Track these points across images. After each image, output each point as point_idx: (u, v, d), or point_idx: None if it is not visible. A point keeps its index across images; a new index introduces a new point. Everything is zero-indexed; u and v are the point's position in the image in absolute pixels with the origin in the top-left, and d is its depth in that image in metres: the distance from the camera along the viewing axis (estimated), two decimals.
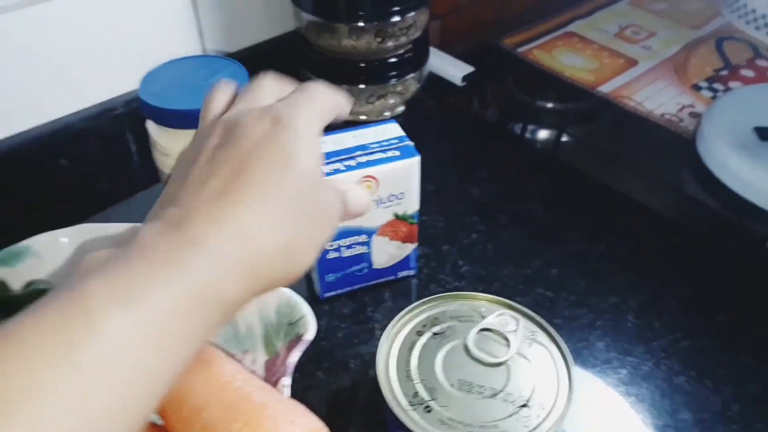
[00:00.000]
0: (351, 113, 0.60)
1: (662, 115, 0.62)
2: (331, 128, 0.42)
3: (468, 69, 0.67)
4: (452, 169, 0.57)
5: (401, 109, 0.64)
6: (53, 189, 0.52)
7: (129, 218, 0.43)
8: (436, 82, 0.68)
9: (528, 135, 0.64)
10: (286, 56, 0.62)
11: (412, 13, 0.56)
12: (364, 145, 0.41)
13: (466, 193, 0.54)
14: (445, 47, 0.74)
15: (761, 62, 0.71)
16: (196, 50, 0.59)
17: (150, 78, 0.43)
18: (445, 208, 0.52)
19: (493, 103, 0.69)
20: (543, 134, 0.64)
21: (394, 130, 0.42)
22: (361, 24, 0.54)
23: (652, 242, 0.50)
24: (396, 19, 0.55)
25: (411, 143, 0.41)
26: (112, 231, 0.42)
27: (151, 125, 0.43)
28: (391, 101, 0.61)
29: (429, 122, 0.65)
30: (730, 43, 0.74)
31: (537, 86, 0.69)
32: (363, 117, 0.62)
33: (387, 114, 0.63)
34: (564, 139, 0.63)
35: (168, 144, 0.42)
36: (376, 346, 0.42)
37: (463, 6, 0.82)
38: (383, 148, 0.41)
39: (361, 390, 0.40)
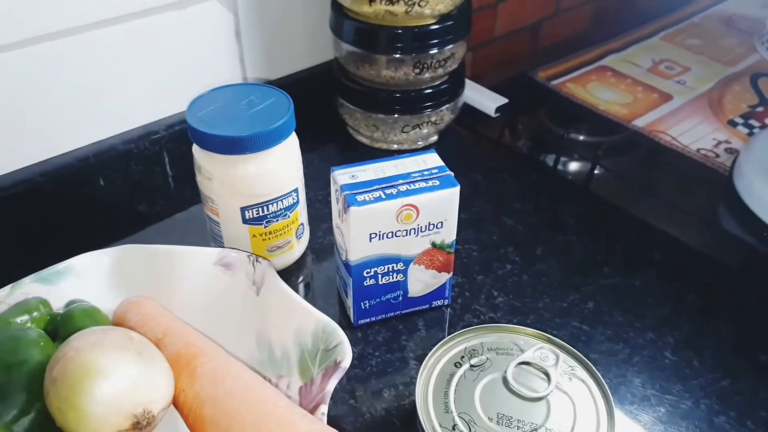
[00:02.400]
0: (385, 141, 0.62)
1: (698, 150, 0.62)
2: (370, 158, 0.43)
3: (501, 100, 0.68)
4: (486, 199, 0.57)
5: (435, 138, 0.64)
6: (95, 208, 0.54)
7: (167, 239, 0.44)
8: (469, 112, 0.68)
9: (561, 167, 0.64)
10: (325, 84, 0.63)
11: (450, 46, 0.56)
12: (405, 174, 0.41)
13: (500, 223, 0.54)
14: (478, 78, 0.75)
15: None
16: (237, 77, 0.60)
17: (197, 103, 0.44)
18: (479, 238, 0.52)
19: (525, 134, 0.70)
20: (576, 166, 0.64)
21: (433, 160, 0.43)
22: (399, 55, 0.55)
23: (689, 278, 0.50)
24: (434, 51, 0.56)
25: (451, 173, 0.42)
26: (151, 252, 0.42)
27: (196, 149, 0.44)
28: (425, 131, 0.62)
29: (462, 152, 0.65)
30: (765, 80, 0.74)
31: (570, 119, 0.69)
32: (395, 146, 0.62)
33: (420, 143, 0.63)
34: (597, 171, 0.63)
35: (212, 168, 0.43)
36: (410, 375, 0.42)
37: (497, 38, 0.83)
38: (424, 178, 0.41)
39: (395, 420, 0.39)
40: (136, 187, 0.56)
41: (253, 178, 0.43)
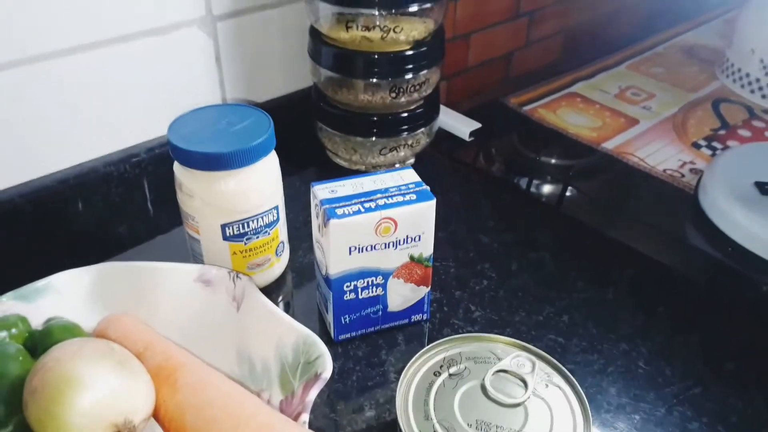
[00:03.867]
0: (364, 164, 0.63)
1: (664, 170, 0.64)
2: (349, 174, 0.44)
3: (475, 125, 0.70)
4: (462, 218, 0.59)
5: (411, 161, 0.66)
6: (74, 230, 0.54)
7: (146, 260, 0.44)
8: (445, 136, 0.70)
9: (534, 189, 0.66)
10: (304, 109, 0.65)
11: (425, 71, 0.58)
12: (383, 189, 0.42)
13: (476, 241, 0.56)
14: (453, 106, 0.77)
15: (757, 123, 0.74)
16: (217, 101, 0.61)
17: (178, 122, 0.45)
18: (456, 255, 0.54)
19: (499, 157, 0.71)
20: (548, 188, 0.66)
21: (410, 175, 0.44)
22: (376, 80, 0.57)
23: (659, 292, 0.51)
24: (409, 76, 0.57)
25: (427, 188, 0.43)
26: (131, 269, 0.43)
27: (177, 167, 0.45)
28: (402, 153, 0.63)
29: (438, 174, 0.67)
30: (726, 105, 0.77)
31: (541, 142, 0.71)
32: (373, 169, 0.64)
33: (398, 166, 0.65)
34: (569, 193, 0.65)
35: (193, 185, 0.44)
36: (390, 389, 0.42)
37: (471, 68, 0.86)
38: (401, 192, 0.42)
39: None
40: (116, 210, 0.56)
41: (234, 194, 0.44)
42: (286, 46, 0.64)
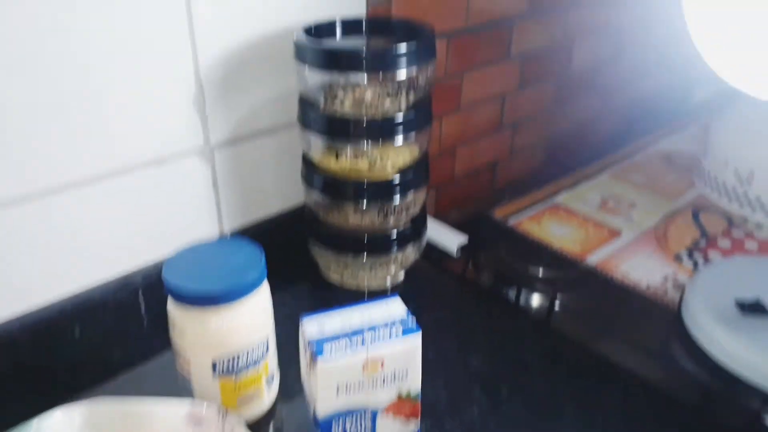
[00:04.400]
0: (355, 280, 0.64)
1: (647, 286, 0.66)
2: (340, 296, 0.45)
3: (462, 239, 0.72)
4: (452, 335, 0.59)
5: (401, 276, 0.67)
6: (70, 356, 0.54)
7: (140, 386, 0.45)
8: (433, 249, 0.72)
9: (522, 301, 0.67)
10: (297, 225, 0.67)
11: (411, 194, 0.61)
12: (370, 325, 0.43)
13: (466, 362, 0.56)
14: (441, 215, 0.80)
15: (736, 232, 0.76)
16: (214, 222, 0.63)
17: (174, 259, 0.47)
18: (446, 379, 0.54)
19: (487, 270, 0.73)
20: (536, 300, 0.67)
21: (397, 307, 0.45)
22: (365, 205, 0.59)
23: (647, 414, 0.51)
24: (397, 201, 0.60)
25: (413, 322, 0.44)
26: (121, 409, 0.43)
27: (170, 303, 0.46)
28: (392, 270, 0.65)
29: (427, 288, 0.68)
30: (705, 215, 0.80)
31: (528, 255, 0.73)
32: (365, 284, 0.65)
33: (388, 280, 0.66)
34: (557, 305, 0.67)
35: (185, 322, 0.45)
36: None
37: (458, 178, 0.89)
38: (388, 328, 0.43)
39: None
40: (111, 335, 0.57)
41: (225, 330, 0.45)
42: (281, 168, 0.67)
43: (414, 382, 0.44)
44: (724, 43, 0.55)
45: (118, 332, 0.57)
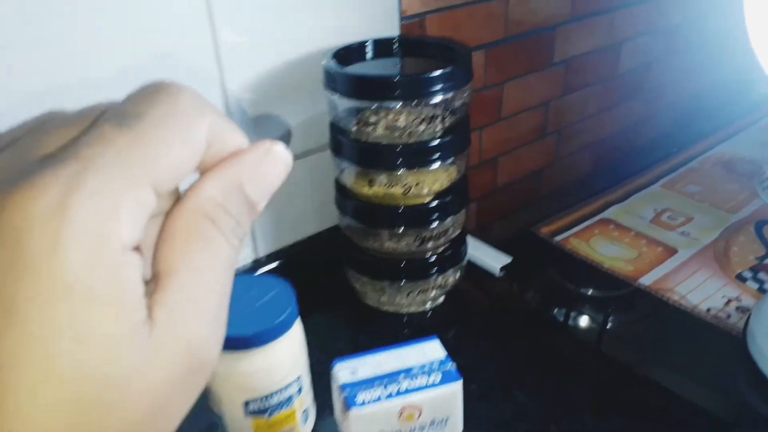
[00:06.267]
0: (393, 305, 0.62)
1: (708, 310, 0.61)
2: (369, 348, 0.43)
3: (505, 260, 0.68)
4: (495, 366, 0.56)
5: (441, 299, 0.64)
6: None
7: None
8: (475, 270, 0.69)
9: (570, 324, 0.63)
10: (332, 250, 0.65)
11: (449, 219, 0.58)
12: (406, 369, 0.41)
13: (512, 397, 0.53)
14: (483, 230, 0.77)
15: None
16: (248, 245, 0.62)
17: None
18: (489, 416, 0.51)
19: (532, 290, 0.70)
20: (585, 323, 0.63)
21: (435, 350, 0.43)
22: (401, 231, 0.57)
23: None
24: (434, 226, 0.57)
25: (453, 366, 0.41)
26: None
27: None
28: (432, 294, 0.62)
29: (469, 312, 0.65)
30: None
31: (576, 275, 0.70)
32: (403, 309, 0.63)
33: (428, 305, 0.64)
34: (608, 329, 0.63)
35: (216, 366, 0.43)
36: None
37: (499, 189, 0.86)
38: (425, 372, 0.41)
39: None
40: None
41: (256, 373, 0.43)
42: (316, 191, 0.65)
43: (455, 429, 0.41)
44: None
45: None
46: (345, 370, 0.41)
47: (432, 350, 0.43)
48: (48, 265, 0.13)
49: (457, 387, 0.40)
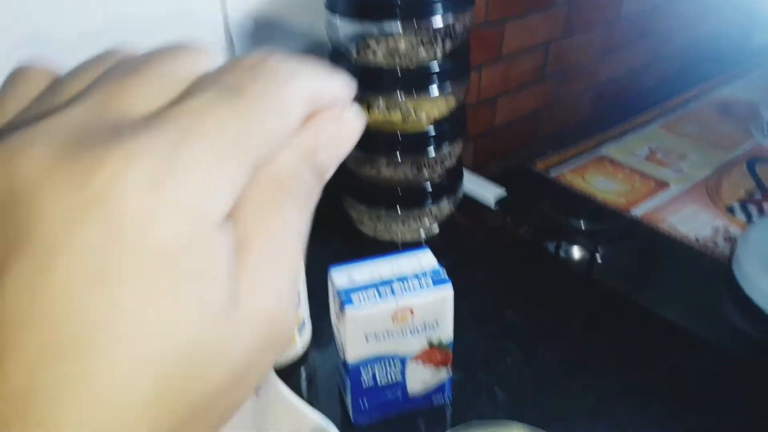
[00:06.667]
0: (388, 233, 0.64)
1: (696, 239, 0.63)
2: (372, 249, 0.44)
3: (500, 192, 0.70)
4: (488, 289, 0.58)
5: (436, 228, 0.66)
6: None
7: None
8: (470, 202, 0.71)
9: (562, 254, 0.65)
10: (330, 180, 0.66)
11: (446, 147, 0.59)
12: (400, 276, 0.43)
13: (502, 315, 0.55)
14: (478, 167, 0.78)
15: None
16: None
17: None
18: (480, 332, 0.53)
19: (526, 223, 0.71)
20: (577, 254, 0.65)
21: (428, 259, 0.44)
22: (399, 158, 0.58)
23: (692, 369, 0.49)
24: (431, 153, 0.58)
25: (444, 274, 0.43)
26: None
27: None
28: (426, 223, 0.64)
29: (463, 242, 0.67)
30: (762, 166, 0.75)
31: (570, 208, 0.71)
32: (398, 237, 0.64)
33: (422, 233, 0.65)
34: (599, 259, 0.64)
35: None
36: None
37: (497, 129, 0.87)
38: (418, 279, 0.42)
39: None
40: None
41: None
42: None
43: (445, 332, 0.43)
44: None
45: None
46: (341, 276, 0.43)
47: (424, 259, 0.44)
48: (143, 239, 0.13)
49: (447, 290, 0.42)
